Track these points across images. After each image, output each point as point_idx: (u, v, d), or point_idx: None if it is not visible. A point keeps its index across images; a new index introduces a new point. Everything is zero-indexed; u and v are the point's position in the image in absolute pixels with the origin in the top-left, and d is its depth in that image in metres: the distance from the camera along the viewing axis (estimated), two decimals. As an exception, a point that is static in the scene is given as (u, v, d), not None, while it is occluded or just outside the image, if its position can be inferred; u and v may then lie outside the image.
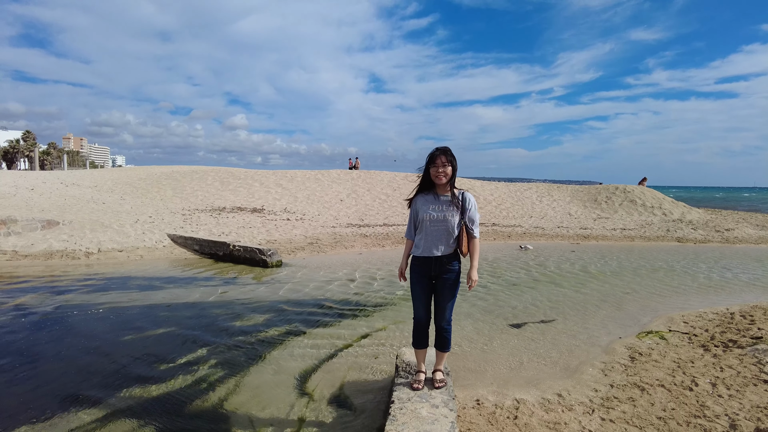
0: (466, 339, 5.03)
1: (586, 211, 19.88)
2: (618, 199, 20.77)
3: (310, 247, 11.07)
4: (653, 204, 19.97)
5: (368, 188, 21.55)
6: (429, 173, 3.33)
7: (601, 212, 19.67)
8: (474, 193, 21.94)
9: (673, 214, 18.87)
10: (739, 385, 3.77)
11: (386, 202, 19.24)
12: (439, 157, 3.29)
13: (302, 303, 6.51)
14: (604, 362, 4.36)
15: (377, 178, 23.61)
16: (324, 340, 4.98)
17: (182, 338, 5.04)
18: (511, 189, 23.94)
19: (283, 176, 23.13)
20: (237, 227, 12.99)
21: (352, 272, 8.59)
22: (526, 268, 9.25)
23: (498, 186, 24.62)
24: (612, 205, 20.32)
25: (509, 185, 25.49)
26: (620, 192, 21.51)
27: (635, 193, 21.06)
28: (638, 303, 6.71)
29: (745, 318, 5.78)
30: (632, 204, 20.15)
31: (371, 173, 25.04)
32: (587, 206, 20.71)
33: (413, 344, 3.45)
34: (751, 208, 32.65)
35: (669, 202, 20.44)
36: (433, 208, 3.32)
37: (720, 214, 20.45)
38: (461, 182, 24.41)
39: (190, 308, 6.21)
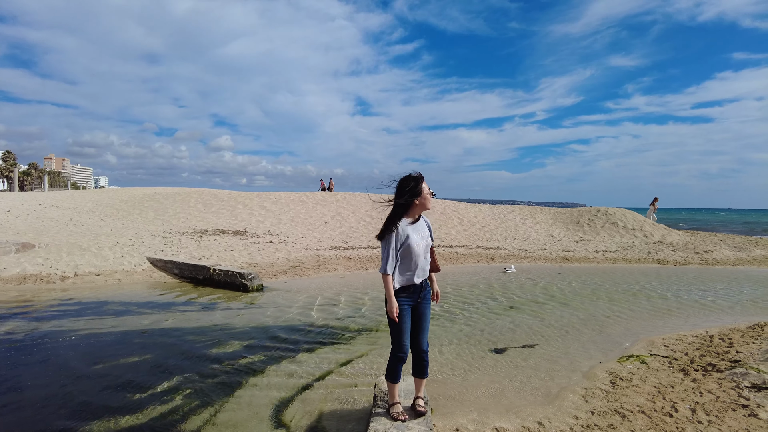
0: (448, 365, 4.97)
1: (568, 234, 20.06)
2: (600, 222, 21.02)
3: (293, 270, 10.96)
4: (634, 226, 20.25)
5: (353, 210, 21.53)
6: (412, 200, 3.30)
7: (583, 234, 19.88)
8: (458, 216, 22.07)
9: (653, 236, 19.13)
10: (719, 410, 3.76)
11: (371, 224, 19.20)
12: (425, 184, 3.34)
13: (282, 328, 6.40)
14: (585, 388, 4.33)
15: (362, 200, 23.62)
16: (303, 368, 4.88)
17: (157, 366, 4.90)
18: (494, 211, 24.11)
19: (267, 198, 23.02)
20: (218, 250, 12.83)
21: (334, 296, 8.50)
22: (509, 291, 9.25)
23: (482, 208, 24.78)
24: (594, 228, 20.56)
25: (493, 207, 25.68)
26: (602, 214, 21.80)
27: (617, 216, 21.35)
28: (620, 326, 6.72)
29: (723, 341, 5.81)
30: (614, 226, 20.40)
31: (356, 195, 25.06)
32: (570, 228, 20.92)
33: (392, 379, 3.38)
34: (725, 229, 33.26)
35: (650, 224, 20.73)
36: (418, 234, 3.33)
37: (699, 235, 20.79)
38: (447, 204, 24.55)
39: (166, 334, 6.06)
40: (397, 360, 3.34)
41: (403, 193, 3.29)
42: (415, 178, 3.31)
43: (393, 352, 3.35)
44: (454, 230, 19.83)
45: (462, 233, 19.45)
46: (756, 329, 6.34)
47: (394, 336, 3.33)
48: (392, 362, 3.36)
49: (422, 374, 3.44)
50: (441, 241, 17.51)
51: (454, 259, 13.77)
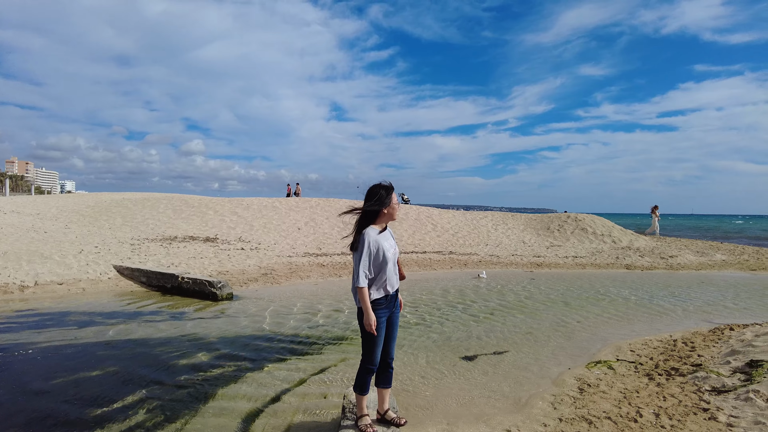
0: (419, 374, 4.96)
1: (539, 239, 20.39)
2: (570, 228, 21.43)
3: (264, 278, 10.81)
4: (603, 232, 20.72)
5: (327, 216, 21.41)
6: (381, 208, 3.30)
7: (553, 240, 20.23)
8: (432, 222, 22.19)
9: (621, 242, 19.61)
10: (681, 414, 3.85)
11: (345, 230, 19.10)
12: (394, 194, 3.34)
13: (252, 338, 6.29)
14: (553, 395, 4.38)
15: (336, 205, 23.52)
16: (273, 378, 4.80)
17: (121, 379, 4.75)
18: (467, 217, 24.34)
19: (239, 204, 22.69)
20: (188, 257, 12.57)
21: (306, 304, 8.41)
22: (481, 298, 9.32)
23: (455, 214, 24.98)
24: (564, 234, 20.94)
25: (466, 213, 25.92)
26: (572, 220, 22.23)
27: (586, 222, 21.81)
28: (588, 332, 6.84)
29: (686, 345, 5.98)
30: (583, 232, 20.83)
31: (330, 201, 24.95)
32: (540, 234, 21.26)
33: (361, 391, 3.37)
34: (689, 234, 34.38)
35: (618, 230, 21.25)
36: (389, 243, 3.32)
37: (665, 241, 21.40)
38: (421, 210, 24.66)
39: (132, 345, 5.88)
40: (367, 372, 3.32)
41: (372, 201, 3.28)
42: (385, 188, 3.30)
43: (363, 364, 3.32)
44: (427, 236, 19.91)
45: (436, 239, 19.55)
46: (716, 333, 6.55)
47: (368, 348, 3.29)
48: (362, 374, 3.33)
49: (388, 384, 3.45)
50: (415, 248, 17.56)
51: (428, 266, 13.82)
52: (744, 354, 5.20)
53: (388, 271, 3.27)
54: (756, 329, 6.48)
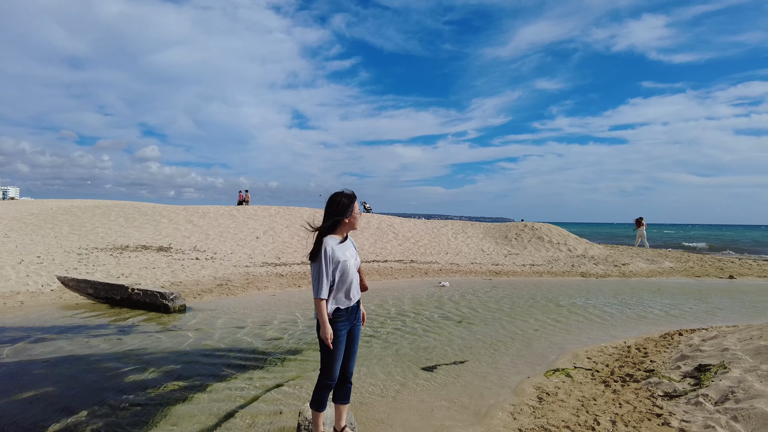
0: (378, 386, 4.85)
1: (497, 248, 20.71)
2: (527, 236, 21.88)
3: (219, 289, 10.45)
4: (559, 240, 21.24)
5: (287, 225, 21.05)
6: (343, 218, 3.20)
7: (511, 248, 20.58)
8: (394, 230, 22.18)
9: (576, 250, 20.15)
10: (636, 421, 3.89)
11: (306, 239, 18.81)
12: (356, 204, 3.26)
13: (205, 352, 6.01)
14: (513, 404, 4.36)
15: (296, 214, 23.18)
16: (226, 394, 4.57)
17: (59, 400, 4.40)
18: (428, 226, 24.48)
19: (195, 212, 22.02)
20: (139, 268, 12.03)
21: (263, 316, 8.15)
22: (442, 306, 9.30)
23: (417, 223, 25.09)
24: (521, 242, 21.36)
25: (427, 222, 26.08)
26: (529, 229, 22.71)
27: (542, 230, 22.32)
28: (546, 339, 6.91)
29: (639, 351, 6.11)
30: (540, 240, 21.30)
31: (290, 209, 24.57)
32: (498, 243, 21.60)
33: (318, 407, 3.25)
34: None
35: (573, 239, 21.85)
36: (350, 253, 3.23)
37: (617, 249, 22.14)
38: (383, 219, 24.63)
39: (74, 363, 5.50)
40: (325, 388, 3.20)
41: (334, 210, 3.18)
42: (347, 196, 3.21)
43: (321, 379, 3.19)
44: (389, 245, 19.88)
45: (397, 248, 19.53)
46: (667, 338, 6.74)
47: (327, 363, 3.17)
48: (319, 390, 3.20)
49: (346, 400, 3.33)
50: (376, 256, 17.47)
51: (389, 275, 13.75)
52: (693, 359, 5.35)
53: (348, 282, 3.17)
54: (703, 334, 6.71)
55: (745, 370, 4.55)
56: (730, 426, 3.58)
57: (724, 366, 4.78)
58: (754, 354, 4.93)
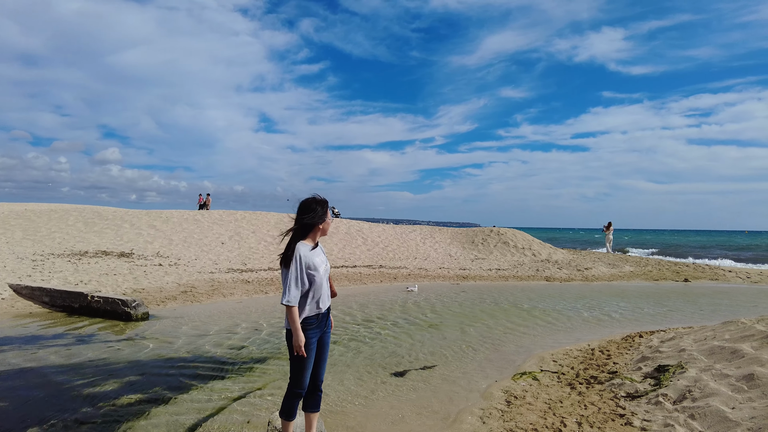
0: (349, 393, 4.82)
1: (464, 252, 20.97)
2: (493, 241, 22.24)
3: (184, 296, 10.19)
4: (524, 245, 21.68)
5: (253, 230, 20.72)
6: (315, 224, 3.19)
7: (478, 253, 20.88)
8: (363, 235, 22.15)
9: (541, 255, 20.61)
10: (600, 422, 4.00)
11: (272, 244, 18.59)
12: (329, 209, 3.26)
13: (169, 361, 5.84)
14: (482, 409, 4.41)
15: (263, 219, 22.86)
16: (190, 406, 4.45)
17: (12, 416, 4.18)
18: (397, 231, 24.57)
19: (158, 216, 21.42)
20: (99, 274, 11.60)
21: (229, 324, 7.99)
22: (410, 312, 9.34)
23: (385, 228, 25.14)
24: (488, 247, 21.69)
25: (396, 227, 26.17)
26: (495, 234, 23.10)
27: (508, 236, 22.74)
28: (513, 343, 7.03)
29: (603, 353, 6.29)
30: (506, 245, 21.69)
31: (256, 214, 24.20)
32: (466, 247, 21.88)
33: (287, 417, 3.20)
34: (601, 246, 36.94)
35: (537, 244, 22.34)
36: (320, 259, 3.20)
37: (580, 254, 22.79)
38: (351, 224, 24.57)
39: (27, 375, 5.24)
40: (294, 396, 3.16)
41: (307, 216, 3.15)
42: (320, 202, 3.19)
43: (291, 388, 3.15)
44: (358, 250, 19.84)
45: (366, 253, 19.51)
46: (628, 340, 6.96)
47: (296, 371, 3.12)
48: (289, 398, 3.15)
49: (316, 408, 3.30)
50: (345, 262, 17.40)
51: (358, 280, 13.72)
52: (653, 360, 5.54)
53: (319, 289, 3.14)
54: (661, 335, 6.97)
55: (701, 369, 4.75)
56: (688, 424, 3.72)
57: (681, 366, 4.96)
58: (708, 354, 5.14)
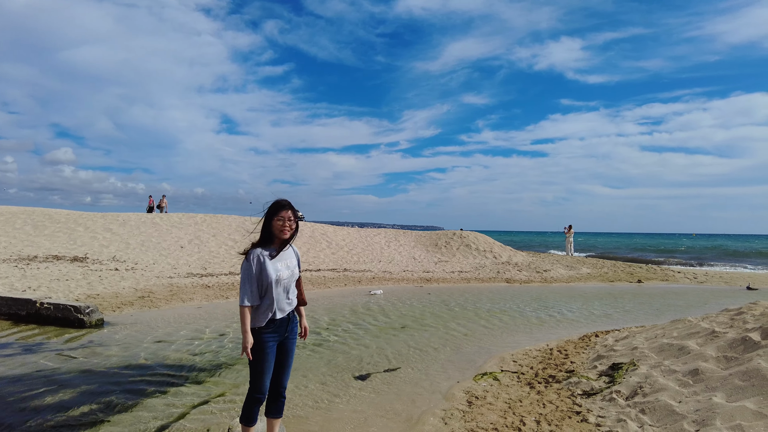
0: (311, 397, 4.78)
1: (428, 255, 21.16)
2: (456, 244, 22.54)
3: (141, 302, 9.86)
4: (485, 248, 22.07)
5: (214, 234, 20.28)
6: (271, 226, 3.11)
7: (441, 256, 21.11)
8: (327, 239, 22.03)
9: (502, 257, 21.02)
10: (558, 419, 4.11)
11: (234, 248, 18.23)
12: (285, 210, 3.11)
13: (123, 369, 5.63)
14: (444, 410, 4.46)
15: (224, 222, 22.41)
16: (147, 415, 4.30)
17: (-51, 431, 3.95)
18: (362, 234, 24.57)
19: (114, 219, 20.68)
20: (50, 280, 11.09)
21: (188, 329, 7.78)
22: (374, 314, 9.35)
23: (350, 231, 25.09)
24: (450, 250, 21.97)
25: (360, 230, 26.16)
26: (457, 237, 23.42)
27: (470, 239, 23.10)
28: (475, 344, 7.14)
29: (561, 353, 6.47)
30: (468, 248, 22.02)
31: (217, 217, 23.70)
32: (429, 250, 22.09)
33: (247, 422, 3.15)
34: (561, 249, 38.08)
35: (498, 246, 22.78)
36: (282, 264, 3.13)
37: (539, 256, 23.37)
38: (316, 227, 24.38)
39: (-33, 388, 4.95)
40: (254, 401, 3.11)
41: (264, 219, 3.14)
42: (273, 203, 3.14)
43: (251, 393, 3.10)
44: (322, 254, 19.71)
45: (330, 256, 19.41)
46: (585, 340, 7.19)
47: (254, 375, 3.08)
48: (248, 403, 3.10)
49: (279, 414, 3.26)
50: (309, 265, 17.25)
51: (322, 284, 13.63)
52: (607, 358, 5.74)
53: (274, 294, 3.06)
54: (616, 335, 7.23)
55: (651, 366, 4.96)
56: (639, 418, 3.88)
57: (633, 364, 5.17)
58: (658, 351, 5.38)
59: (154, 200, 27.46)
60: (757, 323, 5.03)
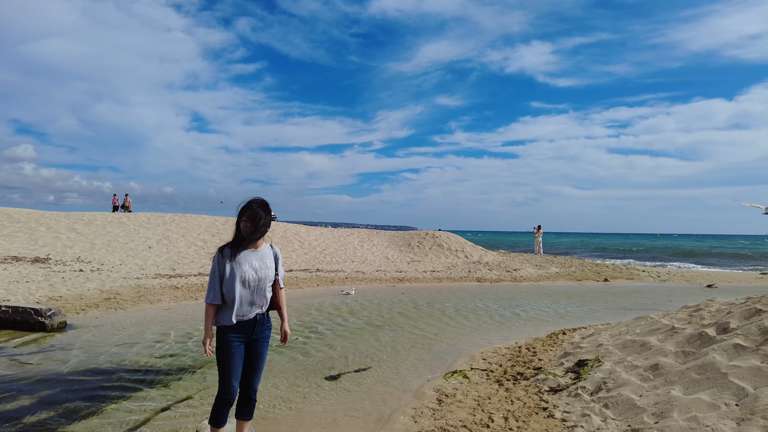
0: (281, 398, 4.74)
1: (401, 255, 21.25)
2: (428, 244, 22.70)
3: (107, 303, 9.60)
4: (457, 248, 22.29)
5: (183, 234, 19.88)
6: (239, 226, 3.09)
7: (414, 256, 21.23)
8: (300, 239, 21.86)
9: (473, 257, 21.27)
10: (525, 416, 4.19)
11: (203, 248, 17.91)
12: (254, 210, 3.06)
13: (88, 373, 5.47)
14: (414, 408, 4.49)
15: (194, 222, 21.99)
16: (111, 420, 4.19)
17: None
18: (335, 234, 24.49)
19: (79, 219, 20.06)
20: (9, 282, 10.68)
21: (155, 331, 7.62)
22: (346, 314, 9.33)
23: (323, 231, 24.98)
24: (423, 249, 22.11)
25: (334, 230, 26.08)
26: (430, 237, 23.59)
27: (442, 238, 23.29)
28: (445, 343, 7.21)
29: (529, 350, 6.59)
30: (440, 248, 22.20)
31: (187, 217, 23.24)
32: (402, 250, 22.19)
33: (216, 423, 3.12)
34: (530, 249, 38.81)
35: (470, 246, 23.05)
36: (252, 265, 3.07)
37: (509, 256, 23.75)
38: (288, 227, 24.17)
39: None
40: (223, 403, 3.07)
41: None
42: (248, 203, 3.11)
43: (219, 394, 3.07)
44: (294, 254, 19.56)
45: (303, 257, 19.29)
46: (552, 337, 7.34)
47: (222, 376, 3.05)
48: (217, 405, 3.07)
49: (249, 415, 3.24)
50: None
51: (294, 284, 13.53)
52: (574, 355, 5.88)
53: (239, 294, 3.02)
54: (582, 332, 7.41)
55: (615, 362, 5.10)
56: (602, 413, 3.99)
57: (598, 360, 5.31)
58: (621, 348, 5.54)
59: (118, 199, 26.78)
60: (713, 319, 5.24)
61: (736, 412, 3.34)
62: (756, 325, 4.48)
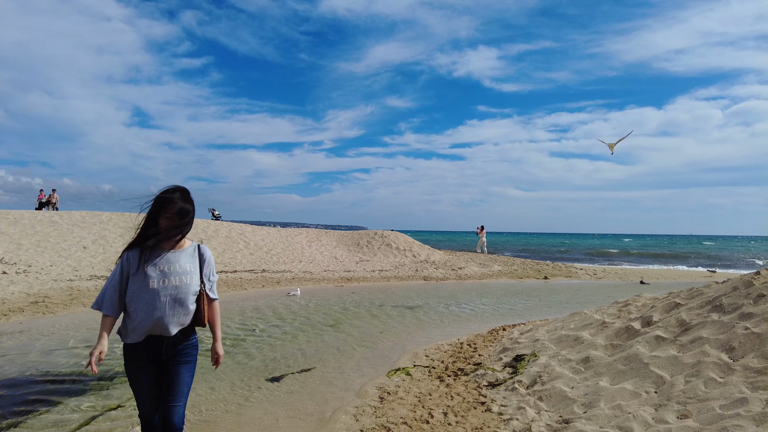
0: (220, 401, 4.63)
1: (350, 255, 21.23)
2: (377, 243, 22.81)
3: (34, 308, 9.02)
4: (405, 247, 22.53)
5: (121, 233, 18.96)
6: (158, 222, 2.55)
7: (363, 255, 21.27)
8: (245, 239, 21.36)
9: (420, 256, 21.57)
10: (464, 410, 4.30)
11: (142, 248, 17.12)
12: (179, 206, 2.53)
13: (8, 382, 5.12)
14: (356, 407, 4.50)
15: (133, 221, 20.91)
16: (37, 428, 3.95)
17: None
18: (283, 234, 24.12)
19: (4, 218, 18.68)
20: None
21: (87, 336, 7.24)
22: (291, 315, 9.23)
23: (270, 231, 24.53)
24: (372, 249, 22.20)
25: (281, 230, 25.67)
26: (379, 237, 23.70)
27: (390, 238, 23.47)
28: (390, 341, 7.28)
29: (470, 346, 6.77)
30: (389, 247, 22.36)
31: (126, 215, 22.17)
32: (351, 250, 22.17)
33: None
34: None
35: (417, 245, 23.34)
36: (163, 269, 2.50)
37: (455, 255, 24.25)
38: (233, 227, 23.57)
39: None
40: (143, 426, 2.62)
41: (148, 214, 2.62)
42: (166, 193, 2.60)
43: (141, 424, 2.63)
44: (239, 254, 19.10)
45: (248, 257, 18.86)
46: (493, 333, 7.57)
47: (136, 402, 2.56)
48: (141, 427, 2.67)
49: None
50: (225, 267, 16.66)
51: (238, 285, 13.22)
52: (512, 350, 6.09)
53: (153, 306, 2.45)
54: (521, 328, 7.69)
55: (550, 356, 5.33)
56: (537, 405, 4.16)
57: (535, 354, 5.53)
58: (556, 342, 5.79)
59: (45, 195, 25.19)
60: (639, 313, 5.58)
61: (655, 399, 3.58)
62: (675, 317, 4.82)
